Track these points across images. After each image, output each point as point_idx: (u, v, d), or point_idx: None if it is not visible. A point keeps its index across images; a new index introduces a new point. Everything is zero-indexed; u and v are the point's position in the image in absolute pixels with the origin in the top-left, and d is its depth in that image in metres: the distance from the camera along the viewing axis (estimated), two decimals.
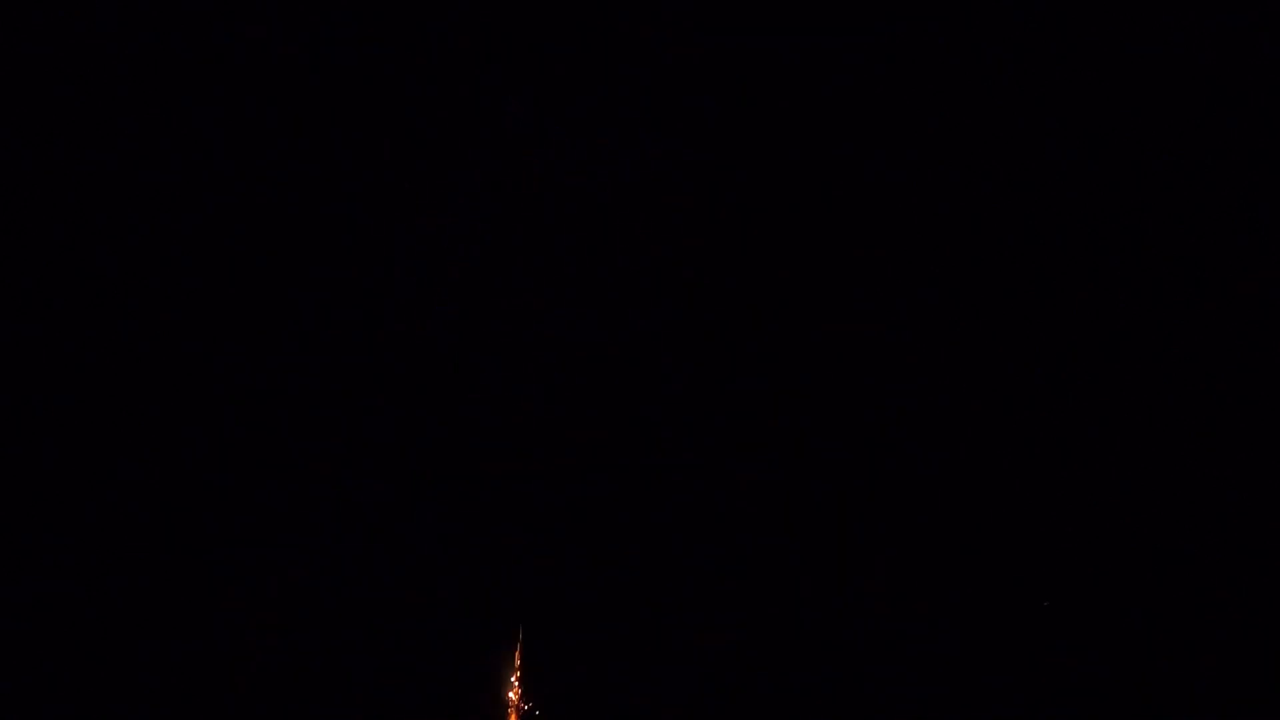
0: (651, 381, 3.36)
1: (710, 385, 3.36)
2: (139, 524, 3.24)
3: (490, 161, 3.38)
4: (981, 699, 3.22)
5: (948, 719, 3.22)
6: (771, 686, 3.26)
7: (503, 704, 3.24)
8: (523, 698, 3.24)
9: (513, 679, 3.24)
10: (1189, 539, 3.23)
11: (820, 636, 3.27)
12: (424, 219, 3.37)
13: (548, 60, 3.37)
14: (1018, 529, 3.28)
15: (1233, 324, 3.26)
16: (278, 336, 3.31)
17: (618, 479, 3.34)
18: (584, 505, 3.33)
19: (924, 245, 3.35)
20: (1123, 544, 3.25)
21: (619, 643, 3.28)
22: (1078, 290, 3.31)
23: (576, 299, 3.37)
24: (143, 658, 3.20)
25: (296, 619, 3.25)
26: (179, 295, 3.29)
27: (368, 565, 3.28)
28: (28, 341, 3.24)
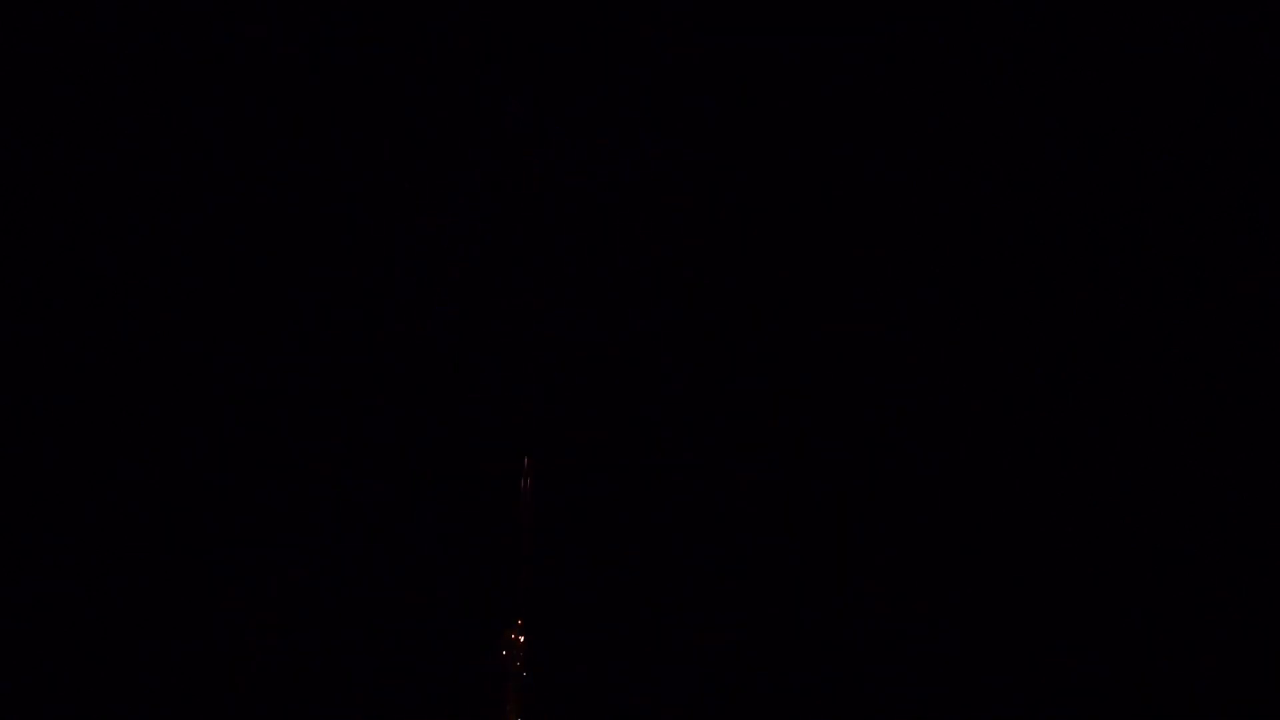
0: (651, 382, 3.36)
1: (710, 385, 3.36)
2: (139, 524, 3.24)
3: (490, 161, 3.38)
4: (982, 699, 3.22)
5: (948, 719, 3.22)
6: (772, 686, 3.26)
7: (503, 703, 3.23)
8: (523, 696, 3.23)
9: (513, 677, 3.24)
10: (1189, 539, 3.23)
11: (820, 636, 3.27)
12: (424, 219, 3.37)
13: (548, 60, 3.37)
14: (1018, 529, 3.28)
15: (1233, 324, 3.26)
16: (278, 336, 3.31)
17: (618, 479, 3.34)
18: (584, 505, 3.33)
19: (924, 245, 3.35)
20: (1123, 544, 3.25)
21: (619, 643, 3.28)
22: (1078, 290, 3.31)
23: (576, 299, 3.38)
24: (143, 658, 3.20)
25: (296, 619, 3.25)
26: (179, 295, 3.30)
27: (368, 565, 3.28)
28: (28, 342, 3.24)
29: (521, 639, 3.21)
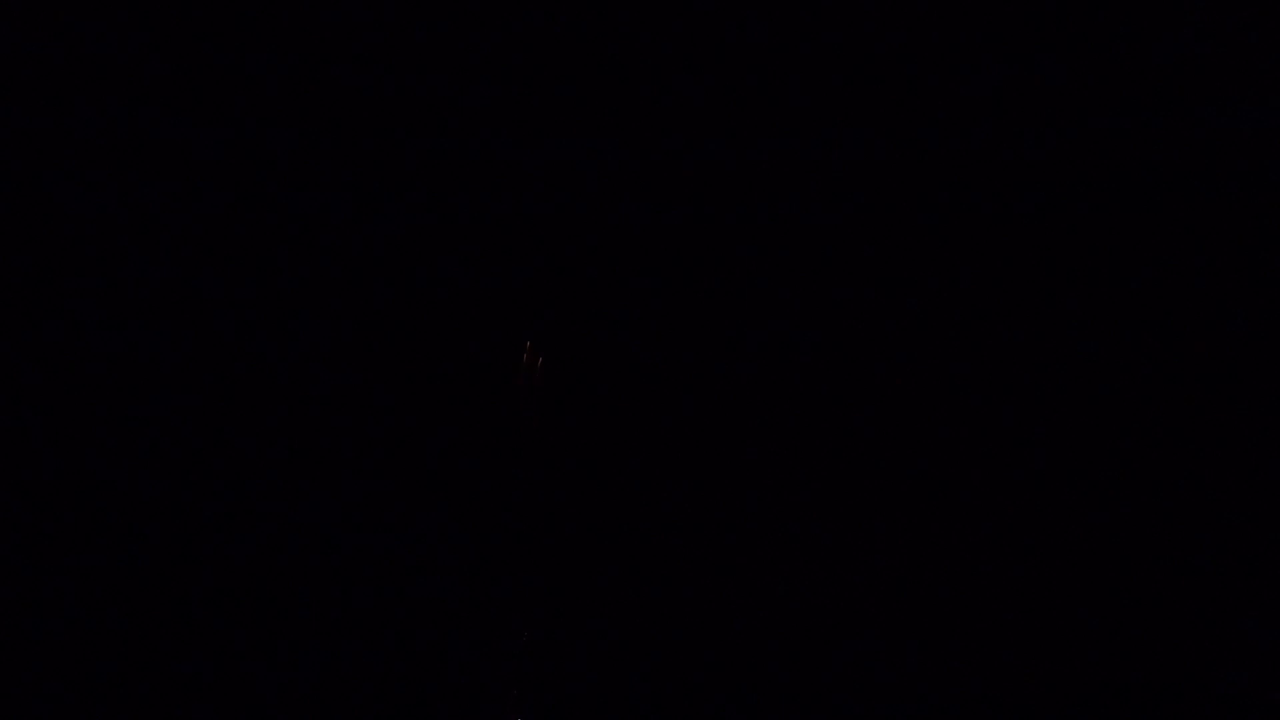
0: (652, 380, 3.36)
1: (710, 384, 3.36)
2: (136, 523, 3.24)
3: (490, 161, 3.39)
4: (981, 699, 3.22)
5: (947, 719, 3.23)
6: (772, 686, 3.26)
7: (503, 703, 3.24)
8: (523, 696, 3.24)
9: (514, 677, 3.24)
10: (1189, 539, 3.23)
11: (820, 636, 3.27)
12: (423, 219, 3.38)
13: (548, 60, 3.38)
14: (1018, 529, 3.29)
15: (1233, 324, 3.26)
16: (277, 335, 3.31)
17: (617, 479, 3.34)
18: (584, 503, 3.33)
19: (924, 245, 3.36)
20: (1123, 544, 3.25)
21: (619, 642, 3.28)
22: (1078, 290, 3.32)
23: (576, 297, 3.38)
24: (142, 658, 3.20)
25: (297, 618, 3.24)
26: (178, 295, 3.30)
27: (368, 565, 3.28)
28: (27, 342, 3.25)
29: (522, 636, 3.21)
